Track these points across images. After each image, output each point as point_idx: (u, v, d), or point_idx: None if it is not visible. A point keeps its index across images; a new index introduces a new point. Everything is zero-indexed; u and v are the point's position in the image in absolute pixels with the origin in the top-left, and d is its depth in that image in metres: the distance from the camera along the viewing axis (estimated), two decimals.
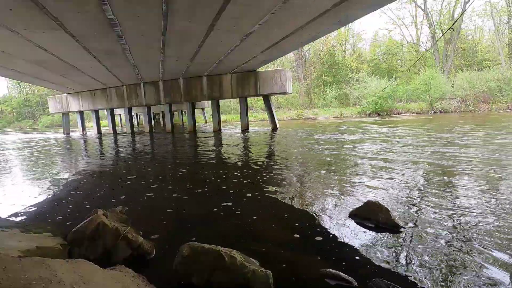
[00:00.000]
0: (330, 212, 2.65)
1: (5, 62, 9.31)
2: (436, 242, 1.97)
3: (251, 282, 1.49)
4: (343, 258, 1.85)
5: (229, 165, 5.36)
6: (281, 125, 16.74)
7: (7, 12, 5.24)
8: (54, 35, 6.55)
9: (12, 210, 3.13)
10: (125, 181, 4.37)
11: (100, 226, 1.97)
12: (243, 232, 2.32)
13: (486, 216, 2.34)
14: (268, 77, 13.06)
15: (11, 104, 50.41)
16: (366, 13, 6.53)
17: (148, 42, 7.62)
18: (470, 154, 4.97)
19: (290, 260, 1.83)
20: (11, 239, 2.02)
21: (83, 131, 18.88)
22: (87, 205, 3.17)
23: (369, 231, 2.20)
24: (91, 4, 5.05)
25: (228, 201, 3.06)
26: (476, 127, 9.70)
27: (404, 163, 4.58)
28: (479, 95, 21.80)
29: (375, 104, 23.31)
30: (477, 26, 34.01)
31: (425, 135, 8.11)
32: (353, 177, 3.88)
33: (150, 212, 2.92)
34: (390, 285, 1.46)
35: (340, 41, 37.59)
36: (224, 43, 8.14)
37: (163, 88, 14.86)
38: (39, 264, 1.39)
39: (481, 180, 3.43)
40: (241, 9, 5.63)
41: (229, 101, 34.02)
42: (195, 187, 3.79)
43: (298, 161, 5.51)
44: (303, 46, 22.21)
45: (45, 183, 4.50)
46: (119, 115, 31.38)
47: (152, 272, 1.75)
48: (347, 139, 8.18)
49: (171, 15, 5.73)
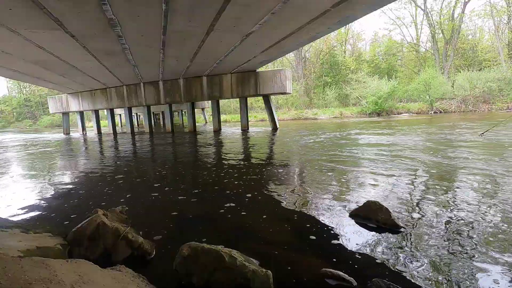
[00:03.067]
0: (330, 212, 2.65)
1: (5, 62, 9.31)
2: (436, 242, 1.97)
3: (251, 282, 1.49)
4: (343, 258, 1.85)
5: (229, 165, 5.36)
6: (281, 125, 16.75)
7: (7, 12, 5.24)
8: (54, 35, 6.55)
9: (12, 210, 3.13)
10: (125, 181, 4.37)
11: (100, 226, 1.97)
12: (243, 232, 2.32)
13: (486, 215, 2.34)
14: (268, 77, 13.06)
15: (11, 104, 50.44)
16: (366, 13, 6.52)
17: (148, 42, 7.62)
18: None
19: (290, 260, 1.83)
20: (11, 239, 2.02)
21: (83, 131, 18.89)
22: (87, 205, 3.17)
23: (369, 231, 2.20)
24: (91, 4, 5.05)
25: (230, 202, 3.05)
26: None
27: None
28: (479, 95, 21.80)
29: (375, 104, 23.33)
30: (477, 26, 34.07)
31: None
32: (354, 177, 3.88)
33: (151, 212, 2.92)
34: (390, 285, 1.46)
35: (340, 41, 37.61)
36: (224, 43, 8.14)
37: (163, 88, 14.86)
38: (39, 264, 1.39)
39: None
40: (241, 9, 5.63)
41: (229, 101, 34.06)
42: (195, 187, 3.79)
43: (298, 161, 5.51)
44: (303, 46, 22.16)
45: (45, 183, 4.49)
46: (119, 115, 31.40)
47: (152, 272, 1.75)
48: (348, 137, 8.18)
49: (171, 15, 5.73)
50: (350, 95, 28.96)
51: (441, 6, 30.11)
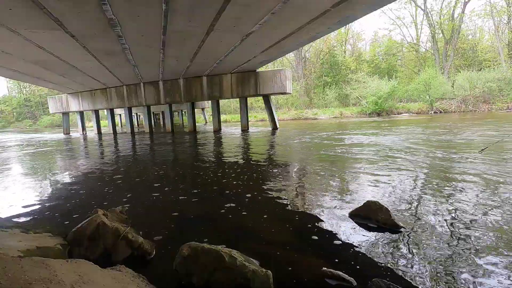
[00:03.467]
0: (330, 212, 2.64)
1: (5, 62, 9.31)
2: (435, 242, 1.97)
3: (251, 282, 1.49)
4: (343, 258, 1.85)
5: (229, 165, 5.36)
6: (281, 125, 16.75)
7: (7, 12, 5.24)
8: (54, 35, 6.55)
9: (12, 210, 3.13)
10: (125, 181, 4.37)
11: (100, 226, 1.97)
12: (243, 232, 2.32)
13: (486, 213, 2.34)
14: (268, 77, 13.06)
15: (11, 104, 50.43)
16: (366, 13, 6.52)
17: (148, 42, 7.62)
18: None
19: (290, 260, 1.83)
20: (11, 239, 2.02)
21: (83, 131, 18.89)
22: (87, 205, 3.17)
23: (369, 231, 2.20)
24: (91, 4, 5.05)
25: (229, 201, 3.05)
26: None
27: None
28: (479, 95, 21.80)
29: (375, 104, 23.33)
30: (477, 26, 34.08)
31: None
32: (354, 177, 3.88)
33: (151, 212, 2.92)
34: (390, 285, 1.46)
35: (340, 41, 37.61)
36: (224, 43, 8.14)
37: (163, 88, 14.86)
38: (39, 264, 1.39)
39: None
40: (241, 9, 5.63)
41: (229, 101, 34.06)
42: (195, 187, 3.79)
43: (298, 161, 5.51)
44: (303, 46, 22.18)
45: (45, 183, 4.50)
46: (119, 115, 31.41)
47: (152, 272, 1.75)
48: (345, 136, 8.18)
49: (171, 15, 5.73)
50: (350, 95, 28.95)
51: (441, 6, 30.15)
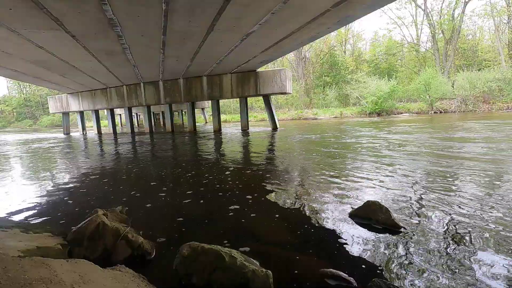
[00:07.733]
0: (330, 212, 2.65)
1: (5, 62, 9.31)
2: (436, 242, 1.97)
3: (251, 282, 1.49)
4: (343, 258, 1.85)
5: (229, 165, 5.36)
6: (281, 125, 16.75)
7: (7, 12, 5.24)
8: (54, 35, 6.55)
9: (12, 210, 3.13)
10: (125, 181, 4.37)
11: (100, 226, 1.97)
12: (243, 232, 2.32)
13: (486, 213, 2.34)
14: (268, 77, 13.06)
15: (11, 104, 50.43)
16: (366, 13, 6.52)
17: (148, 42, 7.62)
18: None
19: (290, 260, 1.83)
20: (11, 239, 2.02)
21: (83, 131, 18.90)
22: (88, 205, 3.17)
23: (369, 231, 2.20)
24: (91, 4, 5.05)
25: (229, 201, 3.06)
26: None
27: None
28: (479, 95, 21.80)
29: (375, 104, 23.33)
30: (477, 26, 34.06)
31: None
32: (354, 177, 3.88)
33: (151, 212, 2.92)
34: (390, 285, 1.46)
35: (340, 41, 37.61)
36: (224, 43, 8.14)
37: (163, 88, 14.86)
38: (39, 264, 1.39)
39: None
40: (241, 9, 5.63)
41: (229, 101, 34.06)
42: (195, 187, 3.78)
43: (298, 161, 5.50)
44: (303, 46, 22.17)
45: (46, 183, 4.50)
46: (119, 115, 31.42)
47: (152, 272, 1.75)
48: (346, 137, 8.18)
49: (171, 15, 5.73)
50: (350, 95, 28.95)
51: (441, 6, 30.15)
